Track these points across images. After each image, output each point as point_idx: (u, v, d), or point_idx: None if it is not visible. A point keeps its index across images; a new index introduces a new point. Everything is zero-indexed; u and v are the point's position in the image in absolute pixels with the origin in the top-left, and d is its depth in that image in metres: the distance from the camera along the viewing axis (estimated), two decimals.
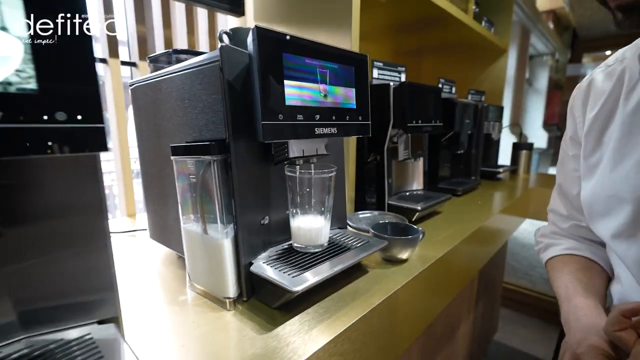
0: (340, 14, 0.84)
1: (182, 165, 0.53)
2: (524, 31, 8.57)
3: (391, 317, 0.58)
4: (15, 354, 0.32)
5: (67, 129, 0.28)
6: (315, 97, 0.51)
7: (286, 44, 0.47)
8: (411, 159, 0.97)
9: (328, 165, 0.56)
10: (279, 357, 0.40)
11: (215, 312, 0.51)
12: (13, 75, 0.26)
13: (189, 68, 0.53)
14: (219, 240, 0.51)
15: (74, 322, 0.37)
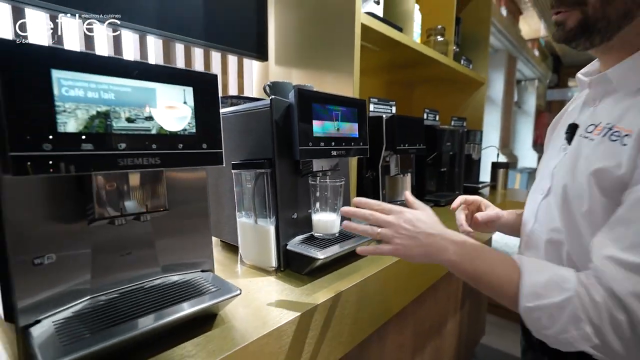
0: (344, 62, 1.10)
1: (239, 177, 0.78)
2: (510, 58, 8.97)
3: (382, 285, 0.82)
4: (157, 283, 0.56)
5: (208, 152, 0.53)
6: (331, 130, 0.77)
7: (315, 97, 0.73)
8: (400, 175, 1.22)
9: (339, 177, 0.81)
10: (305, 300, 0.63)
11: (263, 277, 0.74)
12: (186, 125, 0.51)
13: (246, 110, 0.78)
14: (266, 227, 0.75)
15: (190, 270, 0.61)
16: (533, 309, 0.49)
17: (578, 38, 0.56)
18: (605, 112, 0.57)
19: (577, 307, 0.46)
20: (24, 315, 0.43)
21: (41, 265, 0.45)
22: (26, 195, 0.44)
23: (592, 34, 0.55)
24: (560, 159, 0.63)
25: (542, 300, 0.48)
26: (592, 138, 0.56)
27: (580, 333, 0.46)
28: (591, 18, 0.53)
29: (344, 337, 0.70)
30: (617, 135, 0.52)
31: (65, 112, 0.39)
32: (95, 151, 0.42)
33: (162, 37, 1.05)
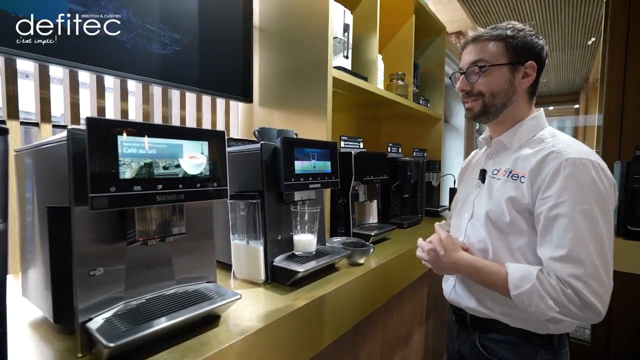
0: (319, 106, 1.32)
1: (235, 205, 0.95)
2: None
3: (351, 293, 0.99)
4: (173, 292, 0.71)
5: (218, 189, 0.70)
6: (309, 168, 0.97)
7: (297, 142, 0.93)
8: (367, 201, 1.43)
9: (315, 205, 1.00)
10: (289, 306, 0.80)
11: (254, 288, 0.90)
12: (202, 170, 0.68)
13: (241, 152, 0.97)
14: (256, 247, 0.91)
15: (198, 282, 0.77)
16: (517, 295, 0.75)
17: (481, 117, 0.89)
18: (503, 161, 0.89)
19: (541, 290, 0.72)
20: (82, 315, 0.58)
21: (94, 277, 0.60)
22: (86, 224, 0.60)
23: (488, 115, 0.89)
24: (477, 193, 0.92)
25: (520, 289, 0.74)
26: (499, 178, 0.87)
27: (547, 305, 0.71)
28: (487, 105, 0.87)
29: (320, 333, 0.87)
30: (516, 176, 0.83)
31: (125, 164, 0.56)
32: (142, 191, 0.58)
33: (162, 85, 1.23)
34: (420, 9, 2.08)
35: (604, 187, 0.74)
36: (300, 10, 1.38)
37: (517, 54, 0.84)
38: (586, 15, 5.63)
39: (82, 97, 1.12)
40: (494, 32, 0.85)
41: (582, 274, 0.70)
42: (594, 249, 0.71)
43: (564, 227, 0.72)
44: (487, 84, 0.85)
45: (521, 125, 0.87)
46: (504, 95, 0.85)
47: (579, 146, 0.79)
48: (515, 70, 0.84)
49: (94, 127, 0.54)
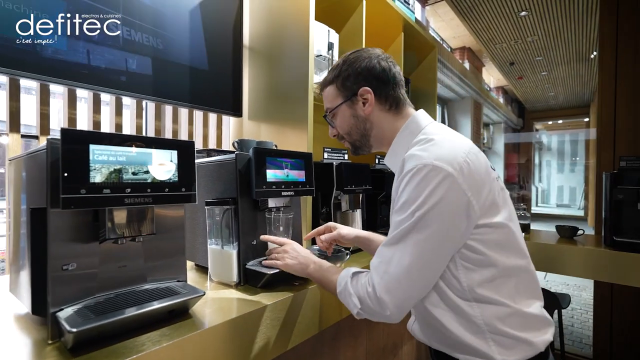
0: (301, 120, 1.39)
1: (211, 211, 1.02)
2: (476, 105, 9.70)
3: (322, 297, 1.04)
4: (144, 289, 0.77)
5: (186, 194, 0.77)
6: (282, 177, 1.03)
7: (269, 153, 1.00)
8: (350, 211, 1.48)
9: (290, 212, 1.06)
10: (259, 304, 0.85)
11: (226, 289, 0.95)
12: (171, 176, 0.75)
13: (217, 161, 1.04)
14: (230, 251, 0.97)
15: (170, 281, 0.82)
16: (339, 293, 0.79)
17: (359, 152, 0.93)
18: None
19: (350, 287, 0.76)
20: (53, 305, 0.64)
21: (67, 271, 0.66)
22: (61, 223, 0.67)
23: (362, 148, 0.92)
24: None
25: (339, 287, 0.79)
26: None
27: (352, 303, 0.75)
28: (352, 142, 0.92)
29: (286, 333, 0.91)
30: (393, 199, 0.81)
31: (95, 170, 0.64)
32: (111, 194, 0.65)
33: (155, 101, 1.32)
34: (408, 27, 2.16)
35: (445, 195, 0.67)
36: (285, 30, 1.48)
37: (347, 89, 0.86)
38: (587, 30, 5.66)
39: (80, 111, 1.22)
40: (326, 77, 0.91)
41: (382, 270, 0.71)
42: (400, 246, 0.70)
43: (390, 230, 0.74)
44: (340, 126, 0.91)
45: (396, 142, 0.84)
46: (357, 129, 0.88)
47: (433, 149, 0.72)
48: (353, 103, 0.85)
49: (67, 137, 0.61)
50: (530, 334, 0.72)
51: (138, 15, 1.24)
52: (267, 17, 1.57)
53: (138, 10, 1.24)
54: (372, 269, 0.75)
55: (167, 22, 1.33)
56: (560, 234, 2.08)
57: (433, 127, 0.82)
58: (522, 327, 0.72)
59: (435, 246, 0.69)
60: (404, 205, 0.70)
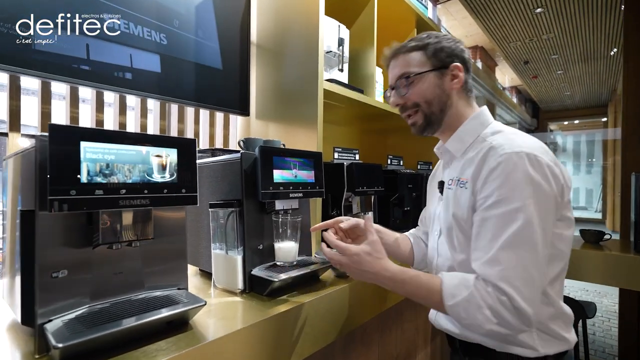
0: (311, 118, 1.33)
1: (215, 214, 0.96)
2: (489, 105, 9.56)
3: (333, 305, 0.97)
4: (141, 297, 0.71)
5: (186, 196, 0.71)
6: (290, 178, 0.97)
7: (276, 152, 0.94)
8: (361, 213, 1.41)
9: (298, 214, 1.00)
10: (264, 314, 0.79)
11: (230, 297, 0.90)
12: (170, 176, 0.70)
13: (222, 161, 0.98)
14: (234, 256, 0.91)
15: (169, 288, 0.77)
16: (453, 305, 0.67)
17: (427, 129, 0.87)
18: (454, 170, 0.85)
19: (478, 298, 0.65)
20: (41, 317, 0.59)
21: (57, 279, 0.61)
22: (51, 227, 0.62)
23: (433, 125, 0.86)
24: (439, 207, 0.89)
25: (457, 298, 0.67)
26: (451, 188, 0.83)
27: (484, 316, 0.64)
28: (427, 115, 0.85)
29: (293, 345, 0.84)
30: (462, 183, 0.79)
31: (86, 169, 0.58)
32: (104, 195, 0.60)
33: (159, 100, 1.28)
34: (422, 22, 2.09)
35: (544, 182, 0.68)
36: (293, 25, 1.42)
37: (438, 59, 0.83)
38: (607, 26, 5.46)
39: (83, 111, 1.18)
40: (411, 43, 0.86)
41: (513, 276, 0.64)
42: (525, 249, 0.65)
43: (495, 227, 0.67)
44: (419, 93, 0.84)
45: (463, 129, 0.84)
46: (439, 101, 0.83)
47: (518, 139, 0.73)
48: (442, 74, 0.83)
49: (56, 133, 0.56)
50: (567, 332, 0.77)
51: (144, 11, 1.20)
52: (275, 13, 1.52)
53: (144, 5, 1.20)
54: (496, 277, 0.65)
55: (176, 18, 1.29)
56: (585, 238, 1.96)
57: (499, 124, 0.84)
58: (564, 325, 0.77)
59: (543, 238, 0.67)
60: (506, 199, 0.67)
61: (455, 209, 0.78)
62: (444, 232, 0.84)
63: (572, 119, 11.77)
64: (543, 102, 10.81)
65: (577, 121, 12.32)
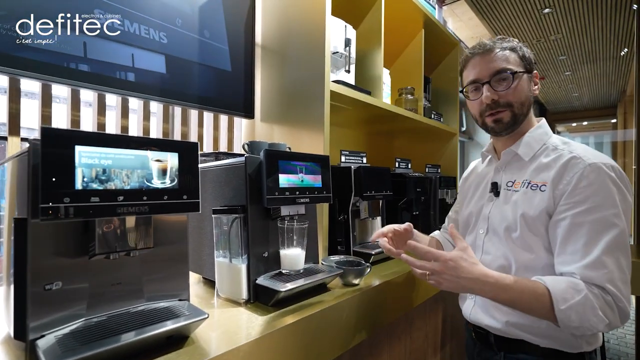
0: (317, 121, 1.29)
1: (218, 220, 0.92)
2: None
3: (341, 316, 0.92)
4: (139, 310, 0.68)
5: (188, 202, 0.68)
6: (296, 182, 0.93)
7: (282, 155, 0.90)
8: (369, 218, 1.36)
9: (304, 220, 0.95)
10: (269, 327, 0.75)
11: (234, 307, 0.85)
12: (170, 182, 0.66)
13: (226, 165, 0.95)
14: (238, 265, 0.88)
15: (170, 299, 0.73)
16: (566, 309, 0.68)
17: (510, 128, 0.87)
18: (518, 173, 0.88)
19: (593, 301, 0.68)
20: (33, 332, 0.56)
21: (50, 291, 0.58)
22: (45, 235, 0.58)
23: (515, 125, 0.87)
24: (491, 207, 0.91)
25: (570, 301, 0.69)
26: (516, 190, 0.86)
27: (598, 318, 0.68)
28: (517, 115, 0.86)
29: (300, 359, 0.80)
30: (535, 186, 0.82)
31: (81, 174, 0.55)
32: (100, 202, 0.57)
33: (162, 102, 1.25)
34: (429, 23, 2.04)
35: (627, 192, 0.75)
36: (299, 26, 1.39)
37: (528, 63, 0.87)
38: (617, 26, 5.37)
39: (85, 114, 1.16)
40: (506, 43, 0.88)
41: (616, 278, 0.70)
42: (622, 254, 0.71)
43: (592, 232, 0.72)
44: (516, 93, 0.85)
45: (531, 135, 0.88)
46: (528, 104, 0.87)
47: (595, 152, 0.79)
48: (530, 78, 0.87)
49: (48, 137, 0.53)
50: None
51: (148, 11, 1.17)
52: (280, 13, 1.49)
53: (147, 5, 1.17)
54: (602, 279, 0.70)
55: (179, 18, 1.27)
56: None
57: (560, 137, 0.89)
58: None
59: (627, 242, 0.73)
60: (600, 206, 0.72)
61: (527, 209, 0.81)
62: (497, 232, 0.87)
63: (580, 120, 11.59)
64: (550, 103, 10.67)
65: (586, 123, 12.15)
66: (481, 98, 0.87)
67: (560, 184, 0.77)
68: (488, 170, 0.99)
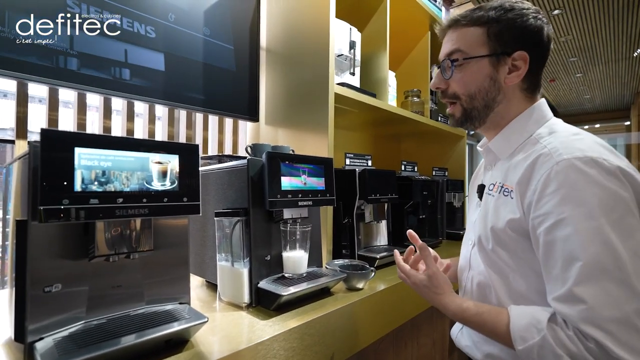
0: (321, 123, 1.29)
1: (220, 223, 0.92)
2: None
3: (344, 321, 0.91)
4: (139, 313, 0.67)
5: (188, 205, 0.67)
6: (299, 185, 0.92)
7: (284, 158, 0.90)
8: (374, 222, 1.35)
9: (307, 223, 0.94)
10: (270, 331, 0.73)
11: (235, 311, 0.85)
12: (170, 185, 0.66)
13: (228, 168, 0.95)
14: (240, 269, 0.87)
15: (170, 303, 0.73)
16: (524, 350, 0.57)
17: (466, 124, 0.76)
18: (497, 173, 0.74)
19: (553, 345, 0.53)
20: (32, 334, 0.55)
21: (49, 293, 0.58)
22: (45, 237, 0.58)
23: (473, 121, 0.74)
24: (477, 214, 0.78)
25: (528, 342, 0.56)
26: (493, 195, 0.72)
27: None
28: (467, 110, 0.73)
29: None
30: (507, 190, 0.67)
31: (80, 176, 0.55)
32: (100, 204, 0.56)
33: (167, 106, 1.26)
34: (436, 24, 2.03)
35: (615, 192, 0.54)
36: (303, 28, 1.39)
37: (501, 43, 0.68)
38: (628, 26, 5.27)
39: (90, 118, 1.17)
40: (475, 14, 0.69)
41: (604, 317, 0.50)
42: (613, 280, 0.51)
43: (565, 254, 0.55)
44: (463, 83, 0.71)
45: (512, 127, 0.71)
46: (485, 96, 0.70)
47: (578, 142, 0.60)
48: (499, 63, 0.68)
49: (48, 139, 0.53)
50: None
51: (150, 10, 1.18)
52: (284, 15, 1.49)
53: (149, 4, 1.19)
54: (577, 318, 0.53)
55: (184, 17, 1.28)
56: None
57: (558, 121, 0.71)
58: None
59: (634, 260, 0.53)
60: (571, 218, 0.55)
61: (494, 220, 0.67)
62: (477, 243, 0.73)
63: (593, 123, 11.38)
64: (561, 106, 10.50)
65: (598, 125, 11.92)
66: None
67: (527, 191, 0.61)
68: (481, 170, 0.87)
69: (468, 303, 0.69)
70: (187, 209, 0.68)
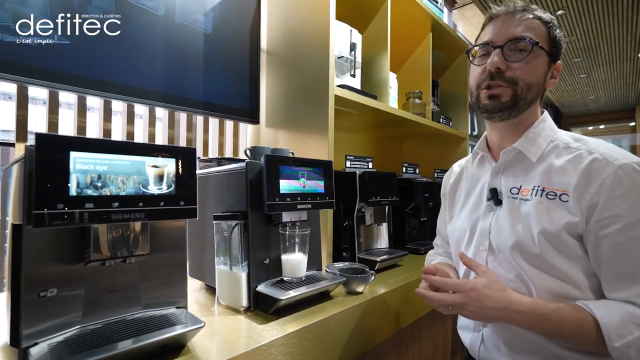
0: (321, 126, 1.28)
1: (219, 226, 0.91)
2: None
3: (343, 325, 0.90)
4: (135, 317, 0.67)
5: (185, 208, 0.67)
6: (298, 188, 0.91)
7: (283, 161, 0.89)
8: (375, 224, 1.34)
9: (306, 227, 0.94)
10: (268, 336, 0.73)
11: (234, 315, 0.84)
12: (168, 188, 0.65)
13: (227, 170, 0.94)
14: (239, 273, 0.86)
15: (167, 307, 0.72)
16: (622, 347, 0.57)
17: (505, 111, 0.73)
18: (524, 177, 0.73)
19: None
20: (26, 339, 0.55)
21: (44, 298, 0.58)
22: (40, 241, 0.58)
23: (514, 110, 0.72)
24: (492, 219, 0.76)
25: (627, 337, 0.57)
26: (526, 198, 0.71)
27: None
28: (518, 97, 0.71)
29: None
30: (553, 194, 0.68)
31: (76, 181, 0.55)
32: (95, 209, 0.56)
33: (167, 108, 1.26)
34: (437, 26, 2.02)
35: None
36: (303, 30, 1.38)
37: (555, 47, 0.73)
38: (633, 27, 5.24)
39: (90, 120, 1.17)
40: (540, 12, 0.73)
41: None
42: None
43: None
44: (527, 71, 0.70)
45: (536, 130, 0.74)
46: (537, 90, 0.72)
47: (617, 149, 0.66)
48: (550, 65, 0.73)
49: (43, 143, 0.53)
50: None
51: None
52: (284, 18, 1.49)
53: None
54: None
55: (187, 29, 1.28)
56: None
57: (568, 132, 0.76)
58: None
59: None
60: None
61: (546, 224, 0.66)
62: (504, 250, 0.71)
63: (597, 124, 11.30)
64: (565, 107, 10.44)
65: (603, 126, 11.84)
66: (485, 64, 0.73)
67: (586, 194, 0.63)
68: (482, 173, 0.84)
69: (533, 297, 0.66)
70: (184, 213, 0.67)
